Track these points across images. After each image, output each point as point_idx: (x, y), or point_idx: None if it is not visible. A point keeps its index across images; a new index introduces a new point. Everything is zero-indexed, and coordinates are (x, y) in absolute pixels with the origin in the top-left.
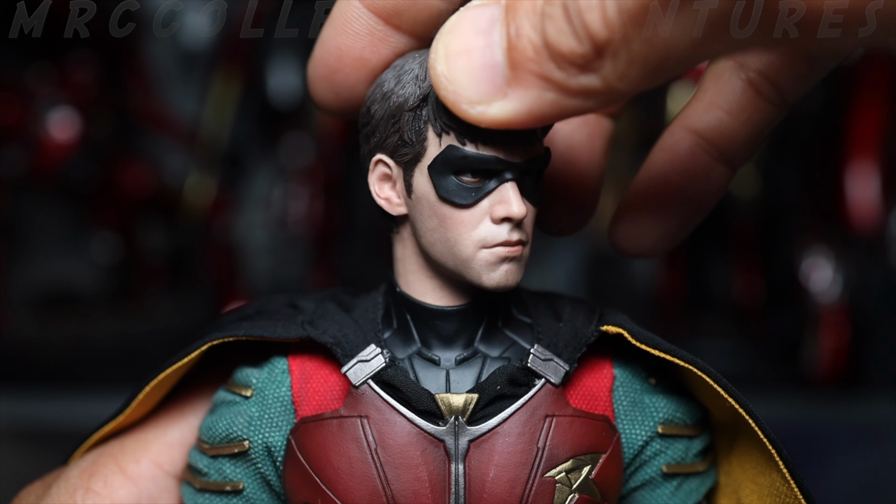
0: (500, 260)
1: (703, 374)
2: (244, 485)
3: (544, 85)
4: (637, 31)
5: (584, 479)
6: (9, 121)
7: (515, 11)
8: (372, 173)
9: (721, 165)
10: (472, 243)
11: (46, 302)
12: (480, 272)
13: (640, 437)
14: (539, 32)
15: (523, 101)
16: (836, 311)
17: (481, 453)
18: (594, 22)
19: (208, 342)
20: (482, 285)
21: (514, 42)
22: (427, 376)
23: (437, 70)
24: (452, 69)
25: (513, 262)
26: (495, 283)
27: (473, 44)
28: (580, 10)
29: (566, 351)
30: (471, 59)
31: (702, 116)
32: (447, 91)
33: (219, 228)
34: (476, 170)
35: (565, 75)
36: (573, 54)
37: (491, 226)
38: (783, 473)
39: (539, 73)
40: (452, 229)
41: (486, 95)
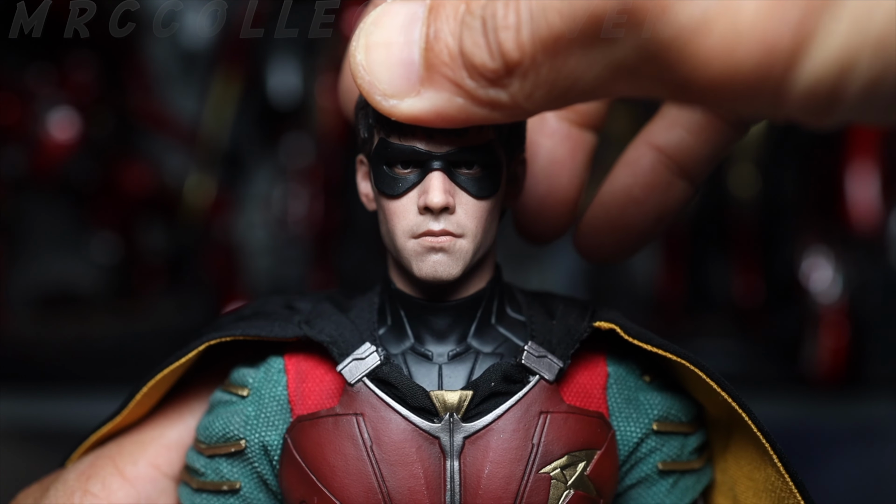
0: (426, 250)
1: (696, 368)
2: (241, 484)
3: (455, 90)
4: (547, 58)
5: (579, 476)
6: (9, 121)
7: (437, 14)
8: (358, 173)
9: (681, 181)
10: (402, 233)
11: (46, 302)
12: (411, 262)
13: (635, 434)
14: (456, 39)
15: (433, 101)
16: (836, 311)
17: (476, 450)
18: (508, 42)
19: (205, 342)
20: (416, 276)
21: (432, 44)
22: (420, 371)
23: (357, 59)
24: (371, 60)
25: (441, 253)
26: (425, 273)
27: (394, 38)
28: (497, 28)
29: (559, 347)
30: (389, 52)
31: (664, 134)
32: (363, 81)
33: (219, 228)
34: (405, 161)
35: (475, 85)
36: (485, 68)
37: (417, 216)
38: (778, 468)
39: (451, 79)
40: (388, 220)
41: (399, 90)
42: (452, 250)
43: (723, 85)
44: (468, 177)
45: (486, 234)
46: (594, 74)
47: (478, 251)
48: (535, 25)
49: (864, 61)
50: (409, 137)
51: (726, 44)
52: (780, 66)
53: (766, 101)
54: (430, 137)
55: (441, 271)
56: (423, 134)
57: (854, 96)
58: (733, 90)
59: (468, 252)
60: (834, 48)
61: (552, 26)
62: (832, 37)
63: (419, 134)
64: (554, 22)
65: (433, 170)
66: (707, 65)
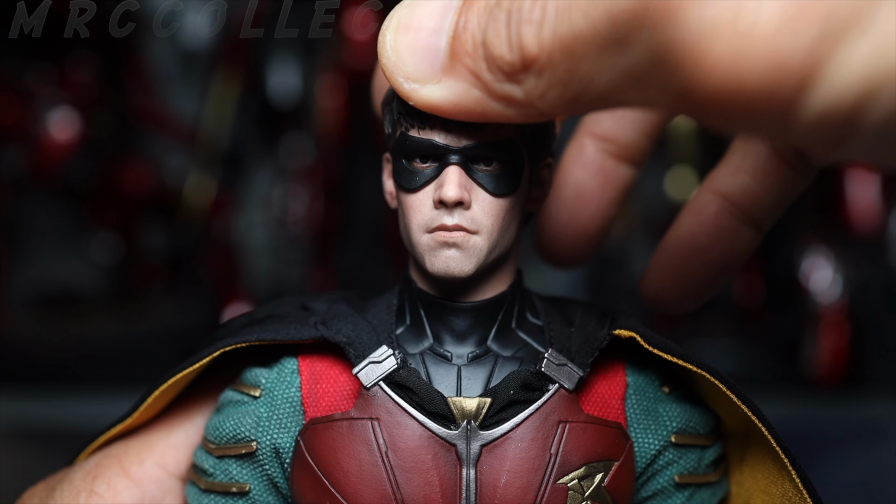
0: (439, 245)
1: (716, 380)
2: (250, 486)
3: (473, 81)
4: (564, 57)
5: (596, 487)
6: (9, 121)
7: (470, 5)
8: (384, 171)
9: (747, 228)
10: (417, 227)
11: (46, 302)
12: (424, 257)
13: (653, 446)
14: (481, 30)
15: (452, 90)
16: (837, 312)
17: (493, 458)
18: (528, 36)
19: (220, 348)
20: (429, 271)
21: (459, 33)
22: (438, 372)
23: (386, 38)
24: (399, 42)
25: (454, 248)
26: (437, 269)
27: (425, 23)
28: (521, 21)
29: (578, 356)
30: (418, 36)
31: (728, 180)
32: (389, 60)
33: (219, 228)
34: (423, 154)
35: (492, 78)
36: (503, 60)
37: (432, 210)
38: (796, 483)
39: (471, 69)
40: (406, 214)
41: (422, 75)
42: (466, 246)
43: (726, 98)
44: (486, 173)
45: (504, 233)
46: (607, 78)
47: (493, 250)
48: (558, 23)
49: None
50: (428, 131)
51: (733, 53)
52: (790, 85)
53: (774, 123)
54: (448, 131)
55: (453, 267)
56: (442, 128)
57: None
58: (737, 105)
59: (482, 249)
60: (852, 74)
61: (574, 25)
62: (851, 62)
63: (438, 128)
64: (576, 21)
65: (450, 164)
66: (711, 73)
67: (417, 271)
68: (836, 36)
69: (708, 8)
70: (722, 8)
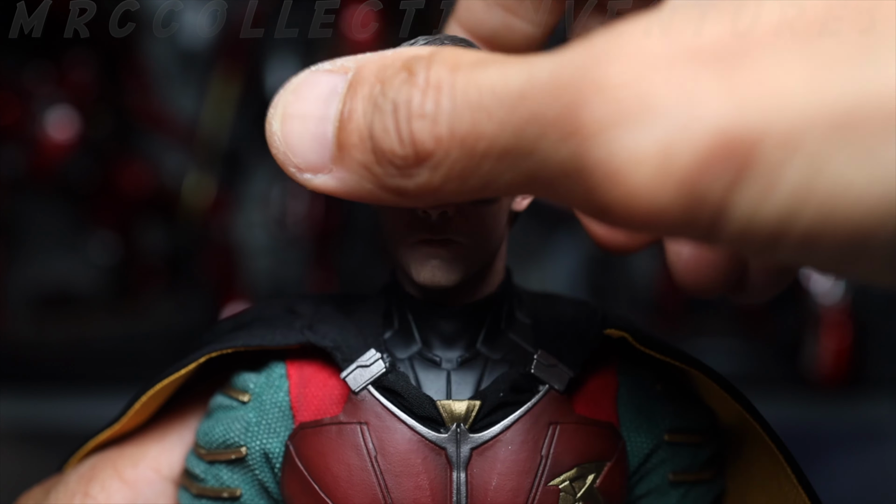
0: (424, 256)
1: (710, 378)
2: (241, 491)
3: (363, 173)
4: (463, 155)
5: (588, 488)
6: (7, 120)
7: (355, 91)
8: None
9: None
10: (401, 238)
11: (45, 302)
12: (411, 266)
13: (646, 444)
14: (367, 122)
15: (344, 182)
16: (838, 312)
17: (484, 461)
18: (422, 132)
19: (206, 354)
20: (418, 282)
21: (345, 123)
22: (428, 377)
23: (273, 128)
24: (286, 132)
25: (439, 259)
26: (423, 279)
27: (311, 111)
28: (410, 115)
29: (569, 356)
30: (305, 126)
31: None
32: (278, 151)
33: (218, 228)
34: None
35: (383, 171)
36: (393, 154)
37: (415, 221)
38: (791, 479)
39: (360, 162)
40: (388, 225)
41: (312, 166)
42: (451, 257)
43: (643, 219)
44: None
45: (488, 239)
46: (509, 179)
47: (480, 257)
48: (456, 120)
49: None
50: None
51: (653, 185)
52: (707, 216)
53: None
54: None
55: (440, 277)
56: None
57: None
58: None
59: (467, 258)
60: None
61: (475, 125)
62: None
63: None
64: (478, 121)
65: None
66: (628, 199)
67: (404, 276)
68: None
69: (632, 135)
70: (647, 138)
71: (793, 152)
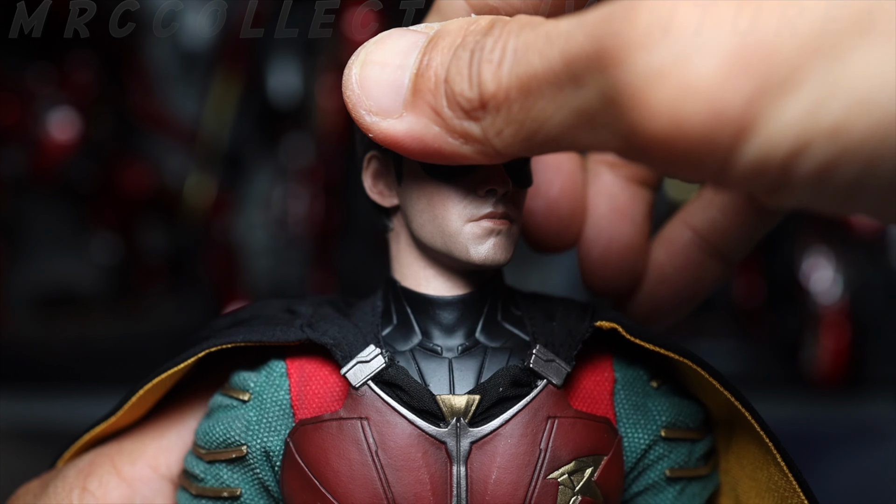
0: (486, 233)
1: (699, 367)
2: (241, 491)
3: (433, 117)
4: (520, 96)
5: (586, 481)
6: (9, 121)
7: (435, 45)
8: (366, 171)
9: (715, 262)
10: (458, 217)
11: (46, 302)
12: (468, 245)
13: (643, 440)
14: (444, 68)
15: (412, 126)
16: (837, 312)
17: (483, 455)
18: (487, 74)
19: (204, 349)
20: (470, 261)
21: (423, 70)
22: (430, 367)
23: (351, 72)
24: (364, 75)
25: (500, 236)
26: (483, 256)
27: (390, 60)
28: (482, 60)
29: (563, 350)
30: (383, 71)
31: (699, 214)
32: (353, 93)
33: (219, 229)
34: None
35: (452, 114)
36: (462, 97)
37: (477, 198)
38: (781, 467)
39: (432, 105)
40: (440, 205)
41: (383, 109)
42: (509, 234)
43: (667, 142)
44: (518, 166)
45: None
46: (560, 118)
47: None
48: (515, 62)
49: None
50: None
51: (674, 100)
52: (727, 135)
53: (712, 169)
54: None
55: (499, 254)
56: None
57: (803, 181)
58: (677, 150)
59: (516, 237)
60: (785, 129)
61: (530, 64)
62: (784, 118)
63: None
64: (533, 60)
65: None
66: (652, 117)
67: (409, 270)
68: (771, 93)
69: (654, 55)
70: (667, 56)
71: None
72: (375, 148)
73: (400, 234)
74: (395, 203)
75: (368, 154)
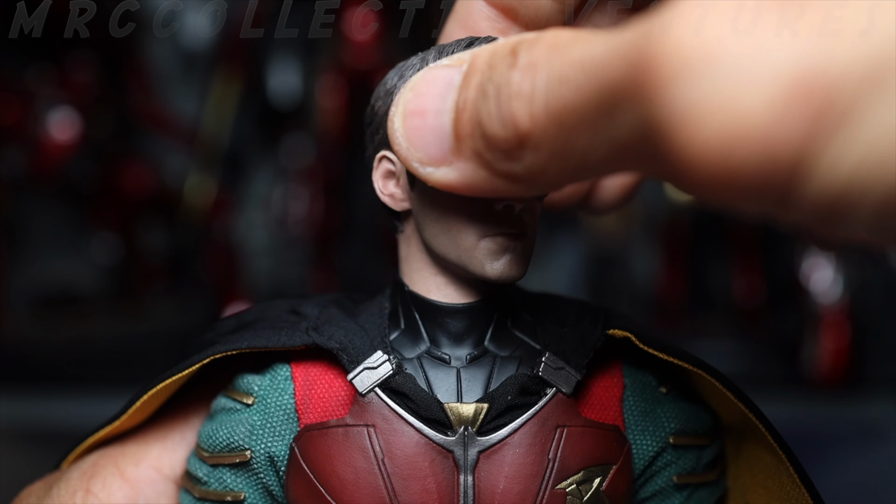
0: (502, 249)
1: (713, 378)
2: (245, 495)
3: (479, 161)
4: (558, 132)
5: (594, 491)
6: (9, 121)
7: (468, 81)
8: (376, 171)
9: None
10: (474, 231)
11: (46, 302)
12: (483, 261)
13: (652, 447)
14: (476, 109)
15: (464, 173)
16: (837, 312)
17: (491, 464)
18: (520, 111)
19: (209, 356)
20: (485, 276)
21: (460, 113)
22: (438, 376)
23: (395, 125)
24: (407, 128)
25: (514, 252)
26: (498, 272)
27: (429, 106)
28: (510, 96)
29: (574, 357)
30: (424, 121)
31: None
32: (400, 147)
33: (219, 229)
34: None
35: (493, 157)
36: (497, 138)
37: (494, 213)
38: (794, 478)
39: (474, 150)
40: (455, 218)
41: (434, 159)
42: (524, 249)
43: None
44: None
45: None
46: (602, 154)
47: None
48: (549, 96)
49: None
50: None
51: (722, 140)
52: (783, 175)
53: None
54: None
55: (514, 270)
56: None
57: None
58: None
59: (530, 252)
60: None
61: (564, 98)
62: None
63: None
64: (566, 94)
65: None
66: (699, 158)
67: (417, 275)
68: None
69: (694, 89)
70: (710, 90)
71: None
72: (387, 148)
73: (411, 238)
74: (406, 207)
75: (379, 154)
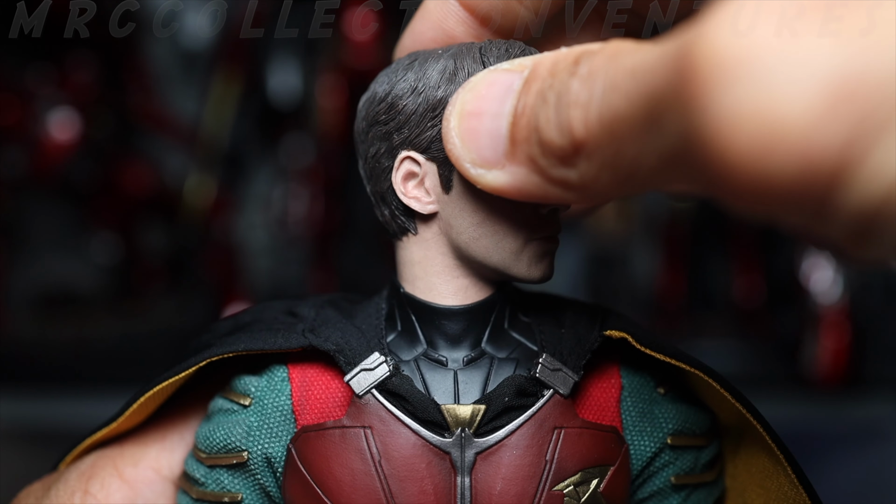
0: (545, 252)
1: (710, 378)
2: (242, 496)
3: (532, 167)
4: (610, 140)
5: (592, 493)
6: (9, 121)
7: (529, 87)
8: (397, 171)
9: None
10: (521, 235)
11: (46, 302)
12: (529, 264)
13: (650, 448)
14: (534, 115)
15: (515, 177)
16: (837, 312)
17: (488, 466)
18: (576, 119)
19: (206, 358)
20: (529, 278)
21: (518, 118)
22: (435, 378)
23: (450, 124)
24: (462, 128)
25: (552, 254)
26: (541, 274)
27: (487, 108)
28: (569, 104)
29: (571, 359)
30: (481, 122)
31: None
32: (454, 146)
33: (219, 229)
34: None
35: (548, 163)
36: (553, 145)
37: (539, 218)
38: (791, 478)
39: (529, 155)
40: (501, 222)
41: (486, 162)
42: (555, 252)
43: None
44: None
45: None
46: (651, 162)
47: None
48: (602, 104)
49: None
50: None
51: (759, 147)
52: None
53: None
54: None
55: (551, 272)
56: None
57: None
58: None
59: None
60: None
61: (615, 107)
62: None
63: None
64: (617, 103)
65: None
66: (736, 165)
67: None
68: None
69: (731, 93)
70: (745, 96)
71: None
72: (411, 149)
73: (430, 241)
74: (433, 210)
75: (401, 155)
